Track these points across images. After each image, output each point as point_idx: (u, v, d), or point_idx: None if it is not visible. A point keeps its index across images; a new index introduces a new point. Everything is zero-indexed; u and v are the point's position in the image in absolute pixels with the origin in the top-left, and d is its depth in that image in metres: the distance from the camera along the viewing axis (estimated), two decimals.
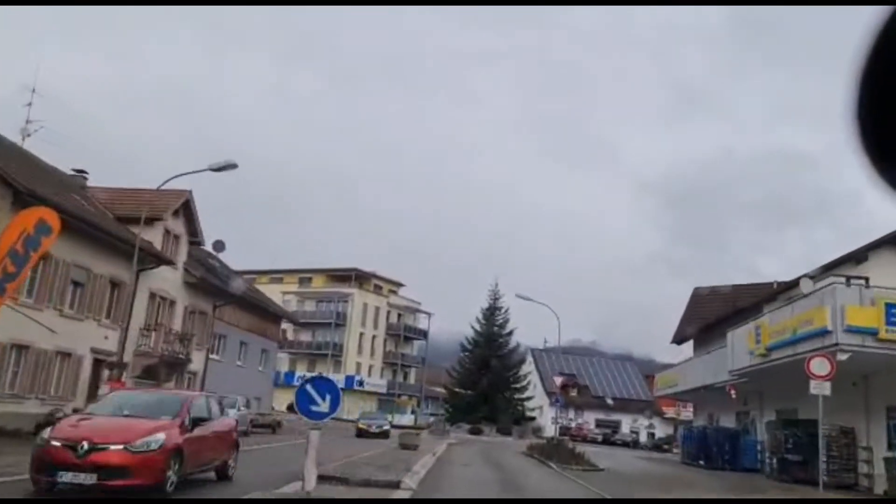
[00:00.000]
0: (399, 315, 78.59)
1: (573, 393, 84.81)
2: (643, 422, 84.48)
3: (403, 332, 77.39)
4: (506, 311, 64.22)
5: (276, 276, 78.51)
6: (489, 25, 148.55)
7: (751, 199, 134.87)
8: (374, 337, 75.81)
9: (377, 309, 76.01)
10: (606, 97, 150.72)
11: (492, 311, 64.06)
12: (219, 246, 37.32)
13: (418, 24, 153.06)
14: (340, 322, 71.89)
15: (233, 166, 21.67)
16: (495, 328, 63.91)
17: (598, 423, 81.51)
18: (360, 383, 71.75)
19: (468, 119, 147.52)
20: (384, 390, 73.93)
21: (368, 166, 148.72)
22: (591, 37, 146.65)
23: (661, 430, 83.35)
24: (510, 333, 64.59)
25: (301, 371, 72.79)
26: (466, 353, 64.17)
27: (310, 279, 77.62)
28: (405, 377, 79.93)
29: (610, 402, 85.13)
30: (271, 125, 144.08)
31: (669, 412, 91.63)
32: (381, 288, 78.34)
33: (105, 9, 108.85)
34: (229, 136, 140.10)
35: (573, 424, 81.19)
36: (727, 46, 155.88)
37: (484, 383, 59.63)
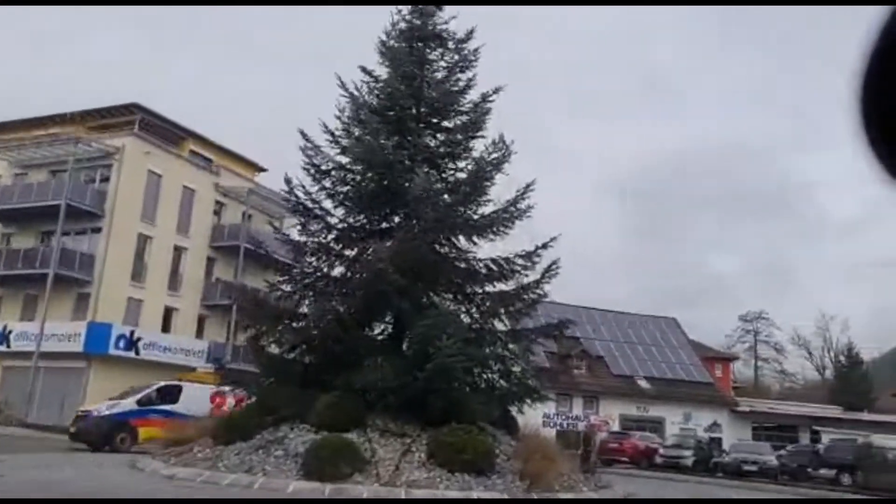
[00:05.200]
0: (246, 215, 39.20)
1: (577, 369, 47.26)
2: (701, 419, 47.31)
3: (247, 246, 37.45)
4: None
5: None
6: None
7: (709, 193, 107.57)
8: (178, 250, 36.42)
9: (189, 193, 36.64)
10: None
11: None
12: None
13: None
14: (89, 207, 32.69)
15: None
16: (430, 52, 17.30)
17: (625, 422, 44.84)
18: (133, 345, 32.66)
19: None
20: (204, 359, 34.76)
21: None
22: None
23: (732, 433, 47.11)
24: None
25: (10, 319, 33.60)
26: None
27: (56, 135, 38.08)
28: None
29: (644, 385, 47.73)
30: None
31: (754, 402, 54.32)
32: (210, 162, 39.28)
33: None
34: None
35: (588, 425, 42.88)
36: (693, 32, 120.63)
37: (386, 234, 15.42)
